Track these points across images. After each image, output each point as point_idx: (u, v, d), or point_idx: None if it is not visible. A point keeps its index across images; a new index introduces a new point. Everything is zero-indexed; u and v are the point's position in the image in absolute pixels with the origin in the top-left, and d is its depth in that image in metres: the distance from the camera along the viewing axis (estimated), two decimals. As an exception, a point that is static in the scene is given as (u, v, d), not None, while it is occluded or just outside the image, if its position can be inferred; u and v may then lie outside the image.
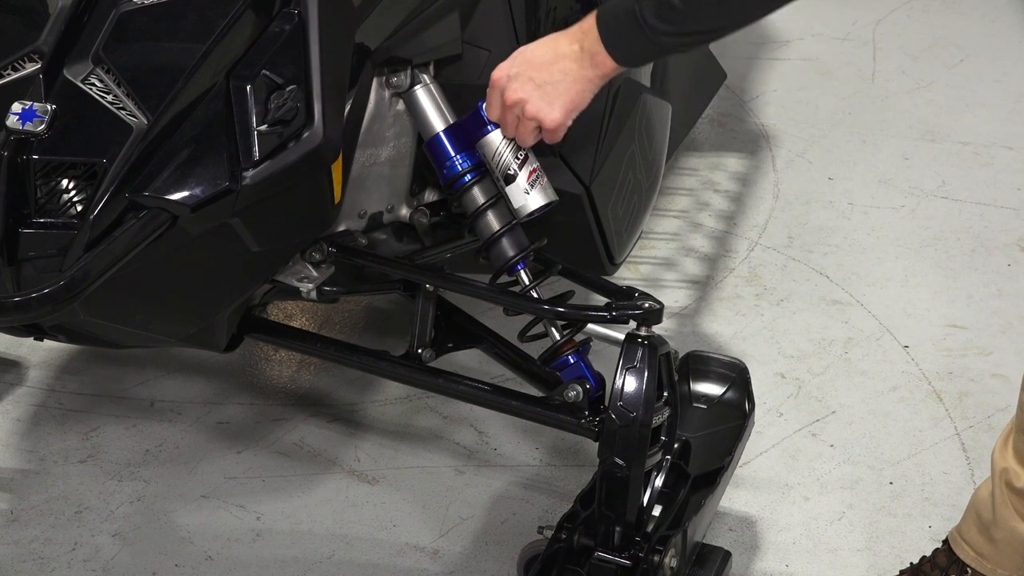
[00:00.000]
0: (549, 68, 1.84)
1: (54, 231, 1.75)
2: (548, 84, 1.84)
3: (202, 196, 1.76)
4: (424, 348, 2.15)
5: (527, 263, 2.06)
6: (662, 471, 2.10)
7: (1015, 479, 2.01)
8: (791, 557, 2.32)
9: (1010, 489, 2.02)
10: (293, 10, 1.84)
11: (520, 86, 1.85)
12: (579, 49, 1.81)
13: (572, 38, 1.82)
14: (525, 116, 1.87)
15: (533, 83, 1.85)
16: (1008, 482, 2.02)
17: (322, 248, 2.07)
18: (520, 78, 1.86)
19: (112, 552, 2.30)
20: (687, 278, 3.04)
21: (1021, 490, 2.01)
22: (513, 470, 2.49)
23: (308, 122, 1.82)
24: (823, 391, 2.70)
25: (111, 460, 2.50)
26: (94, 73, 1.80)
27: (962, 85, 3.91)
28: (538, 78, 1.84)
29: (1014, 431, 2.02)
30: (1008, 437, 2.04)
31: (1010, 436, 2.04)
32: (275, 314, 2.86)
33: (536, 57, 1.85)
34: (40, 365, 2.73)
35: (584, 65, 1.82)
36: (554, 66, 1.83)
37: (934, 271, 3.09)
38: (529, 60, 1.86)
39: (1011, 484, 2.02)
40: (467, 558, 2.30)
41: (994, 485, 2.05)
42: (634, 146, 2.44)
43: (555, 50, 1.83)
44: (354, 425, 2.59)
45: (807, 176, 3.44)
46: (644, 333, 1.96)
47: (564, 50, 1.82)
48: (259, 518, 2.38)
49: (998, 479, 2.04)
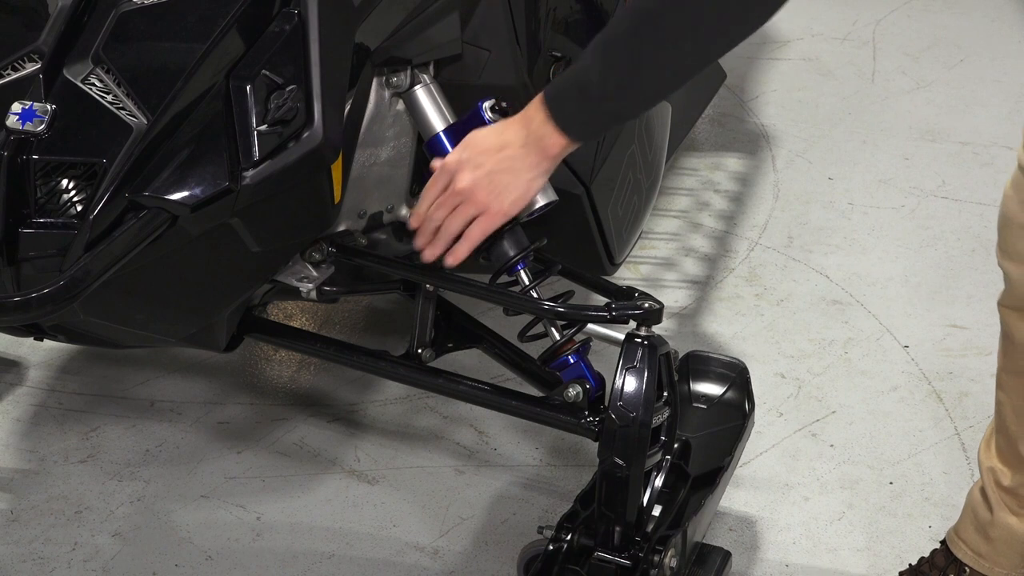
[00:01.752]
0: (496, 155, 1.80)
1: (54, 231, 1.75)
2: (496, 172, 1.81)
3: (202, 196, 1.76)
4: (424, 348, 2.15)
5: (527, 263, 2.06)
6: (662, 471, 2.10)
7: (1002, 477, 2.02)
8: (791, 557, 2.32)
9: (1000, 488, 2.03)
10: (293, 10, 1.84)
11: (469, 174, 1.82)
12: (525, 135, 1.78)
13: (518, 125, 1.79)
14: (471, 203, 1.83)
15: (482, 170, 1.81)
16: (997, 481, 2.03)
17: (322, 248, 2.07)
18: (469, 166, 1.82)
19: (112, 552, 2.30)
20: (687, 278, 3.04)
21: (1010, 488, 2.02)
22: (513, 470, 2.49)
23: (308, 122, 1.82)
24: (823, 391, 2.70)
25: (111, 460, 2.50)
26: (94, 73, 1.80)
27: (962, 85, 3.91)
28: (487, 164, 1.81)
29: (995, 432, 2.04)
30: (990, 438, 2.06)
31: (992, 437, 2.05)
32: (275, 314, 2.86)
33: (485, 144, 1.82)
34: (40, 365, 2.73)
35: (531, 151, 1.78)
36: (500, 153, 1.80)
37: (934, 271, 3.09)
38: (478, 147, 1.82)
39: (1000, 483, 2.03)
40: (467, 558, 2.30)
41: (985, 484, 2.06)
42: (634, 146, 2.44)
43: (501, 139, 1.80)
44: (354, 425, 2.59)
45: (807, 176, 3.45)
46: (644, 333, 1.96)
47: (510, 138, 1.79)
48: (259, 518, 2.38)
49: (988, 479, 2.05)
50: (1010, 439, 2.00)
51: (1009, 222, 1.89)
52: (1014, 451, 2.00)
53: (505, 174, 1.80)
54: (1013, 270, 1.90)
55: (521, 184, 1.80)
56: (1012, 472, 2.01)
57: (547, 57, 2.20)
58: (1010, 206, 1.88)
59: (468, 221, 1.85)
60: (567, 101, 1.74)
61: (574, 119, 1.75)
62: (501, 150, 1.79)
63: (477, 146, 1.82)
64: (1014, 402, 1.98)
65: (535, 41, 2.18)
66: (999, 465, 2.03)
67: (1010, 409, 1.99)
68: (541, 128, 1.76)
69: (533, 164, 1.78)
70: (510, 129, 1.80)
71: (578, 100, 1.73)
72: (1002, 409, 2.01)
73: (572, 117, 1.75)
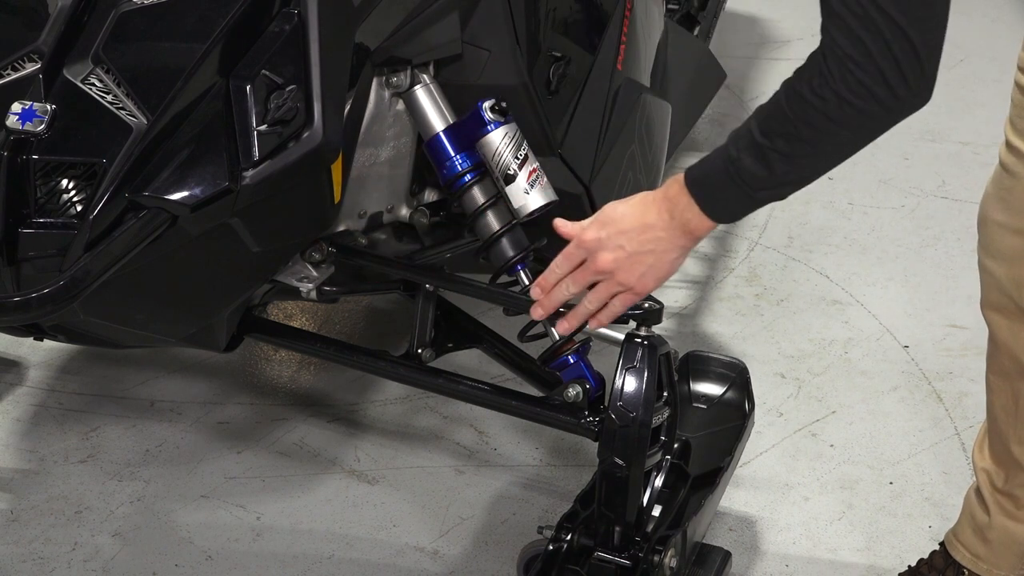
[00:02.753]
0: (639, 237, 1.74)
1: (54, 231, 1.75)
2: (639, 253, 1.75)
3: (202, 196, 1.76)
4: (424, 348, 2.15)
5: (527, 263, 2.06)
6: (662, 471, 2.10)
7: (996, 479, 2.03)
8: (791, 557, 2.32)
9: (995, 489, 2.03)
10: (293, 10, 1.84)
11: (611, 254, 1.75)
12: (669, 218, 1.72)
13: (660, 207, 1.73)
14: (613, 282, 1.78)
15: (624, 251, 1.75)
16: (992, 483, 2.03)
17: (322, 248, 2.07)
18: (609, 245, 1.76)
19: (112, 552, 2.30)
20: (687, 278, 3.04)
21: (1005, 489, 2.02)
22: (513, 470, 2.49)
23: (308, 122, 1.82)
24: (823, 391, 2.70)
25: (111, 460, 2.50)
26: (94, 73, 1.80)
27: (962, 85, 3.91)
28: (629, 246, 1.75)
29: (987, 433, 2.04)
30: (983, 440, 2.06)
31: (984, 439, 2.05)
32: (275, 314, 2.86)
33: (625, 224, 1.75)
34: (40, 365, 2.73)
35: (675, 234, 1.73)
36: (644, 235, 1.74)
37: (934, 271, 3.09)
38: (618, 226, 1.75)
39: (995, 484, 2.03)
40: (467, 558, 2.30)
41: (980, 486, 2.06)
42: (634, 146, 2.44)
43: (643, 220, 1.74)
44: (354, 425, 2.59)
45: (807, 176, 3.44)
46: (644, 333, 1.96)
47: (653, 220, 1.73)
48: (259, 518, 2.38)
49: (983, 480, 2.05)
50: (1002, 440, 2.00)
51: (987, 220, 1.89)
52: (1007, 452, 2.00)
53: (649, 255, 1.74)
54: (995, 268, 1.90)
55: (665, 264, 1.75)
56: (1006, 473, 2.01)
57: (547, 57, 2.20)
58: (988, 203, 1.89)
59: (609, 297, 1.80)
60: (716, 189, 1.70)
61: (724, 206, 1.71)
62: (644, 232, 1.74)
63: (616, 225, 1.75)
64: (1002, 402, 1.98)
65: (535, 41, 2.18)
66: (993, 466, 2.03)
67: (999, 410, 1.99)
68: (686, 212, 1.71)
69: (678, 245, 1.74)
70: (651, 210, 1.74)
71: (729, 188, 1.69)
72: (992, 410, 2.01)
73: (721, 204, 1.71)
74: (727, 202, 1.70)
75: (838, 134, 1.64)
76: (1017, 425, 1.98)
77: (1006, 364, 1.96)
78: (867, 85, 1.56)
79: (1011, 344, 1.93)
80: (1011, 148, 1.84)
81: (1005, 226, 1.86)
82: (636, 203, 1.75)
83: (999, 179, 1.87)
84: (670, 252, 1.74)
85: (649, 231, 1.73)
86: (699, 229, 1.72)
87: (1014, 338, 1.92)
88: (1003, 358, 1.96)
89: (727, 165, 1.68)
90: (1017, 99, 1.81)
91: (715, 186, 1.69)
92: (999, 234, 1.87)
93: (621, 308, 1.79)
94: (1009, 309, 1.91)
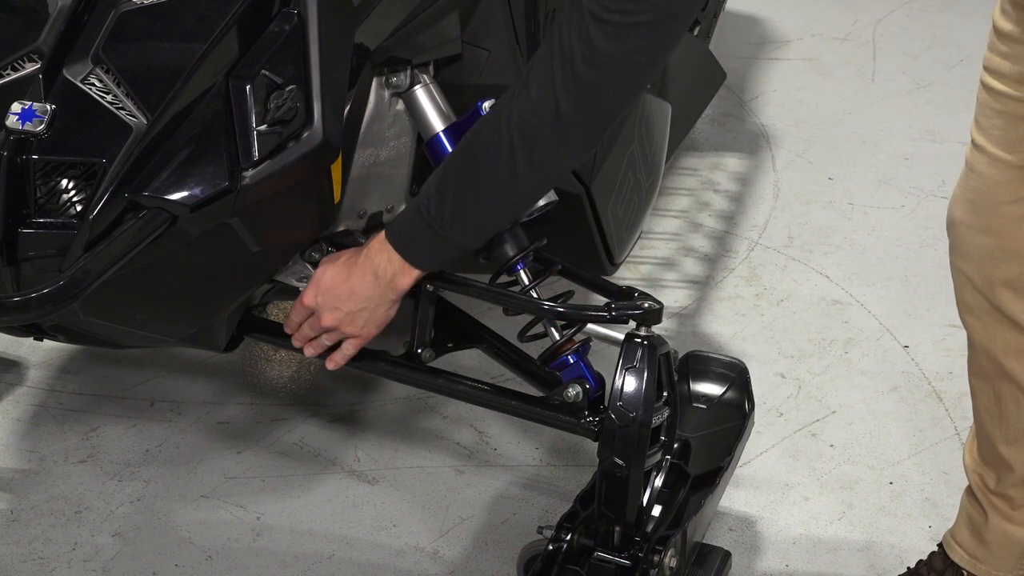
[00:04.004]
0: (349, 300, 1.91)
1: (54, 231, 1.75)
2: (353, 312, 1.92)
3: (201, 196, 1.76)
4: (424, 348, 2.15)
5: (527, 263, 2.06)
6: (662, 471, 2.10)
7: (988, 480, 2.03)
8: (791, 557, 2.32)
9: (989, 490, 2.04)
10: (293, 10, 1.84)
11: (330, 315, 1.94)
12: (373, 279, 1.89)
13: (364, 270, 1.89)
14: (338, 332, 1.96)
15: (341, 311, 1.93)
16: (984, 484, 2.04)
17: (322, 248, 2.07)
18: (327, 307, 1.93)
19: (112, 552, 2.30)
20: (687, 278, 3.04)
21: (998, 490, 2.02)
22: (513, 470, 2.49)
23: (308, 122, 1.82)
24: (823, 391, 2.70)
25: (111, 460, 2.50)
26: (94, 73, 1.80)
27: (962, 85, 3.91)
28: (344, 307, 1.93)
29: (976, 437, 2.04)
30: (972, 442, 2.06)
31: (974, 442, 2.05)
32: (275, 314, 2.86)
33: (337, 290, 1.92)
34: (40, 365, 2.73)
35: (383, 291, 1.90)
36: (353, 299, 1.91)
37: (934, 271, 3.09)
38: (332, 292, 1.93)
39: (987, 486, 2.03)
40: (467, 558, 2.30)
41: (974, 488, 2.06)
42: (634, 146, 2.44)
43: (350, 286, 1.91)
44: (354, 425, 2.59)
45: (807, 176, 3.45)
46: (644, 333, 1.96)
47: (358, 286, 1.90)
48: (259, 518, 2.38)
49: (975, 482, 2.05)
50: (989, 442, 2.00)
51: (955, 222, 1.90)
52: (995, 453, 2.00)
53: (364, 312, 1.92)
54: (967, 269, 1.91)
55: (381, 315, 1.93)
56: (996, 473, 2.01)
57: (547, 57, 2.20)
58: (955, 206, 1.89)
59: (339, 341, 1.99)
60: (412, 237, 1.85)
61: (421, 254, 1.86)
62: (352, 296, 1.91)
63: (330, 292, 1.93)
64: (985, 405, 1.99)
65: (535, 41, 2.18)
66: (984, 468, 2.03)
67: (984, 412, 2.00)
68: (388, 267, 1.87)
69: (387, 300, 1.91)
70: (355, 275, 1.90)
71: (423, 234, 1.83)
72: (978, 414, 2.02)
73: (419, 252, 1.86)
74: (423, 249, 1.85)
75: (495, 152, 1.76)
76: (1002, 426, 1.98)
77: (985, 366, 1.96)
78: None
79: (988, 345, 1.93)
80: (976, 147, 1.84)
81: (972, 226, 1.87)
82: (341, 268, 1.92)
83: (965, 180, 1.88)
84: (381, 307, 1.92)
85: (356, 295, 1.90)
86: (405, 280, 1.88)
87: (990, 339, 1.93)
88: (982, 360, 1.96)
89: (419, 210, 1.82)
90: (983, 98, 1.81)
91: (409, 234, 1.85)
92: (968, 235, 1.89)
93: (352, 351, 1.99)
94: (984, 309, 1.91)
